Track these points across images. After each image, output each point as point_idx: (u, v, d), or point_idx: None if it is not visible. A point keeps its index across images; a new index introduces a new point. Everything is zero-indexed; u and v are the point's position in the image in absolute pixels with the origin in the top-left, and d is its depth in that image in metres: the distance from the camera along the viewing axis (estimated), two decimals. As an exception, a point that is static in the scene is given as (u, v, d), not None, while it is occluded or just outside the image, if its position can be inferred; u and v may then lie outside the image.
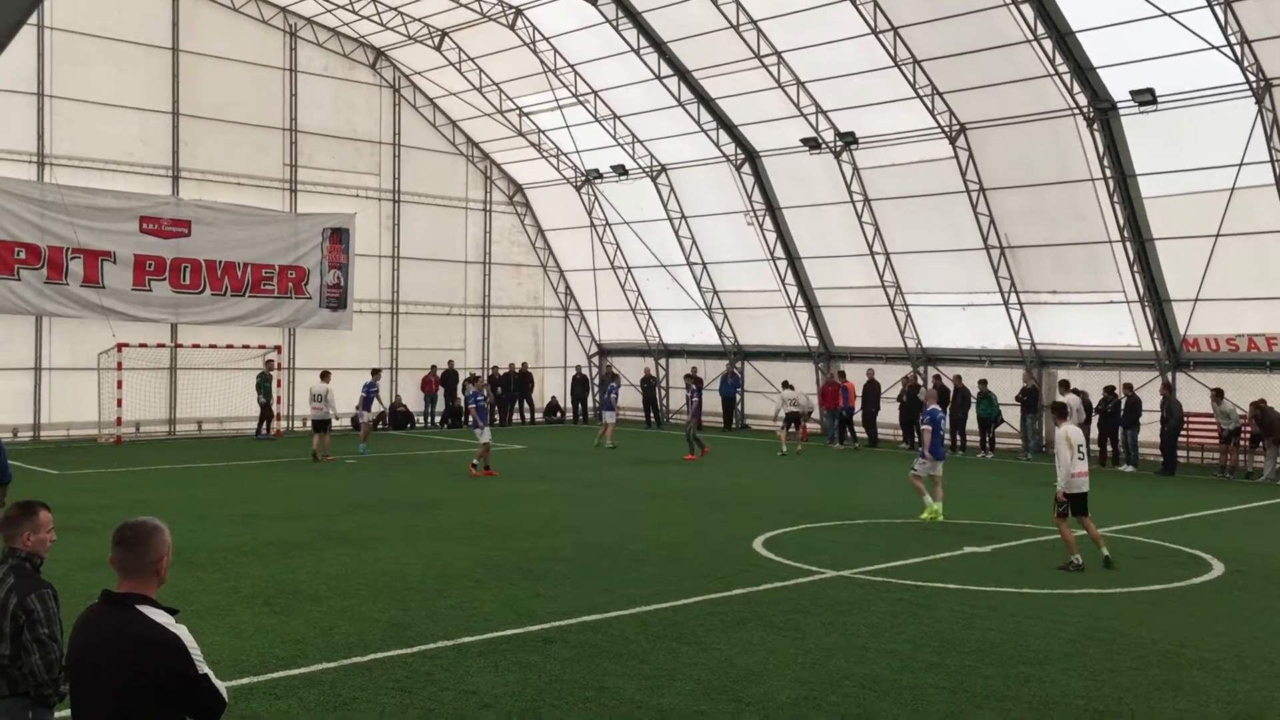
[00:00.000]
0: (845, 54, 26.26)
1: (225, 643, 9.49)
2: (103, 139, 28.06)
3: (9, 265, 26.53)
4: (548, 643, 9.71)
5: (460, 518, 16.65)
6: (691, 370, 32.32)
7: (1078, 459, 13.43)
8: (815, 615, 10.86)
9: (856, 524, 16.65)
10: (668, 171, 32.99)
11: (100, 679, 3.87)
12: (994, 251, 27.05)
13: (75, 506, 16.63)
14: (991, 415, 27.37)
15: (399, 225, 34.04)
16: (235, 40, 30.35)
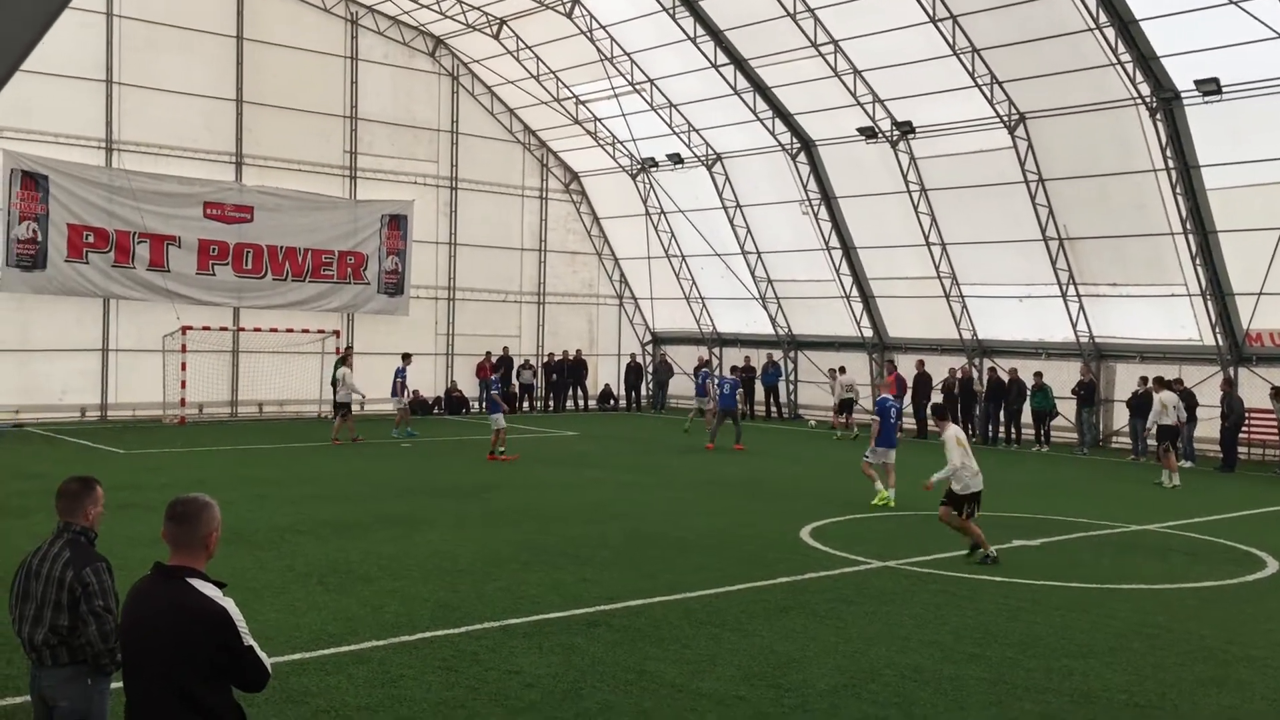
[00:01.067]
0: (903, 42, 26.06)
1: (280, 619, 9.75)
2: (169, 125, 28.66)
3: (78, 249, 27.22)
4: (592, 626, 9.86)
5: (510, 503, 16.87)
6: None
7: (970, 457, 13.31)
8: (858, 605, 10.91)
9: (904, 515, 16.62)
10: (723, 160, 32.98)
11: (151, 648, 4.06)
12: (1052, 243, 26.74)
13: (139, 485, 17.10)
14: (1047, 408, 27.09)
15: (456, 212, 34.38)
16: (298, 29, 30.83)
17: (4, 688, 7.84)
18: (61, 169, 26.79)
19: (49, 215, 26.76)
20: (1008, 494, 19.08)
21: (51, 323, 27.36)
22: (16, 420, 26.41)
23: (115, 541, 10.90)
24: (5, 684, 7.92)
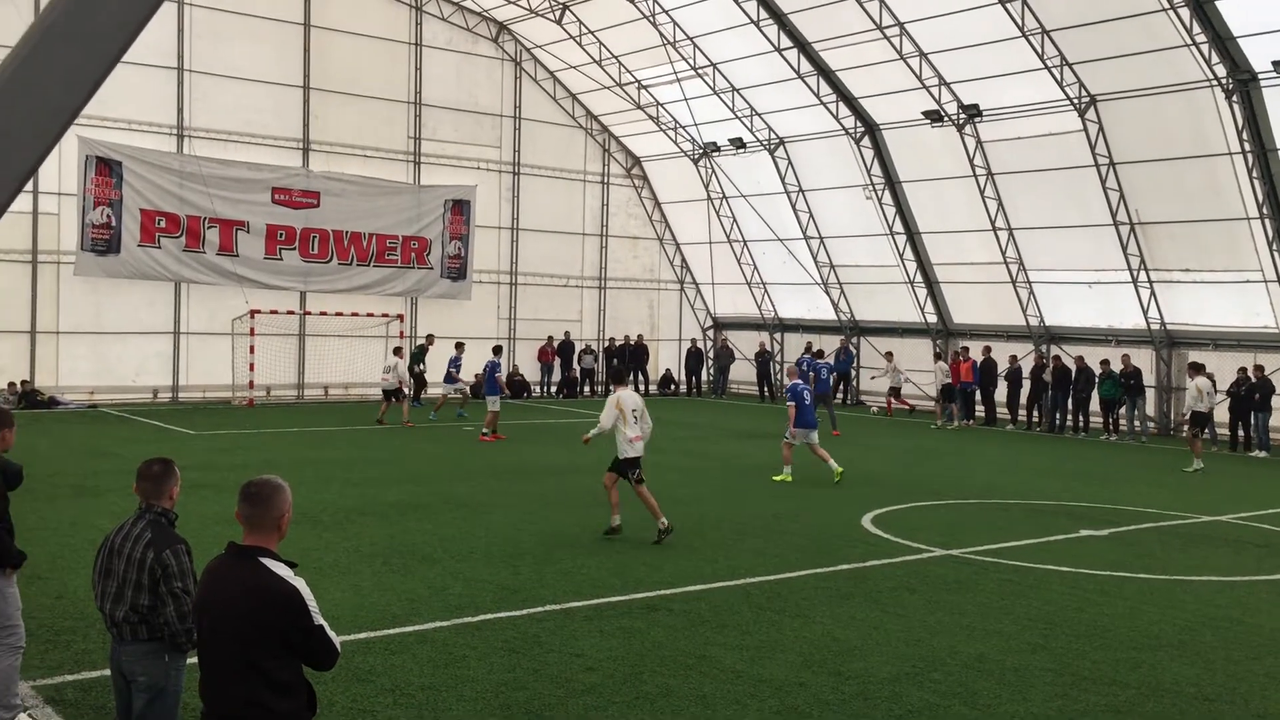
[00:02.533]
0: (970, 24, 25.66)
1: (346, 599, 9.91)
2: (238, 112, 29.13)
3: (150, 234, 27.79)
4: (652, 610, 9.90)
5: (572, 486, 16.96)
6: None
7: (631, 423, 13.11)
8: (921, 593, 10.83)
9: (968, 503, 16.45)
10: (785, 144, 32.76)
11: (224, 625, 4.17)
12: (1123, 228, 26.23)
13: (209, 465, 17.46)
14: (1115, 396, 26.61)
15: (518, 197, 34.55)
16: (364, 15, 31.13)
17: (82, 662, 8.06)
18: (135, 155, 27.35)
19: (123, 201, 27.35)
20: (1075, 483, 18.83)
21: (125, 306, 28.00)
22: (92, 401, 27.09)
23: (187, 520, 11.11)
24: (83, 658, 8.14)
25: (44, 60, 2.19)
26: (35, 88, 2.19)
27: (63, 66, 2.20)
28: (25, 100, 2.18)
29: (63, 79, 2.20)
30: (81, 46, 2.21)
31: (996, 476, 19.41)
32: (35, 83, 2.19)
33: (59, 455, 18.19)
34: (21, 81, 2.17)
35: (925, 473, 19.72)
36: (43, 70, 2.19)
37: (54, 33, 2.17)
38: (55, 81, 2.19)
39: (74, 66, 2.21)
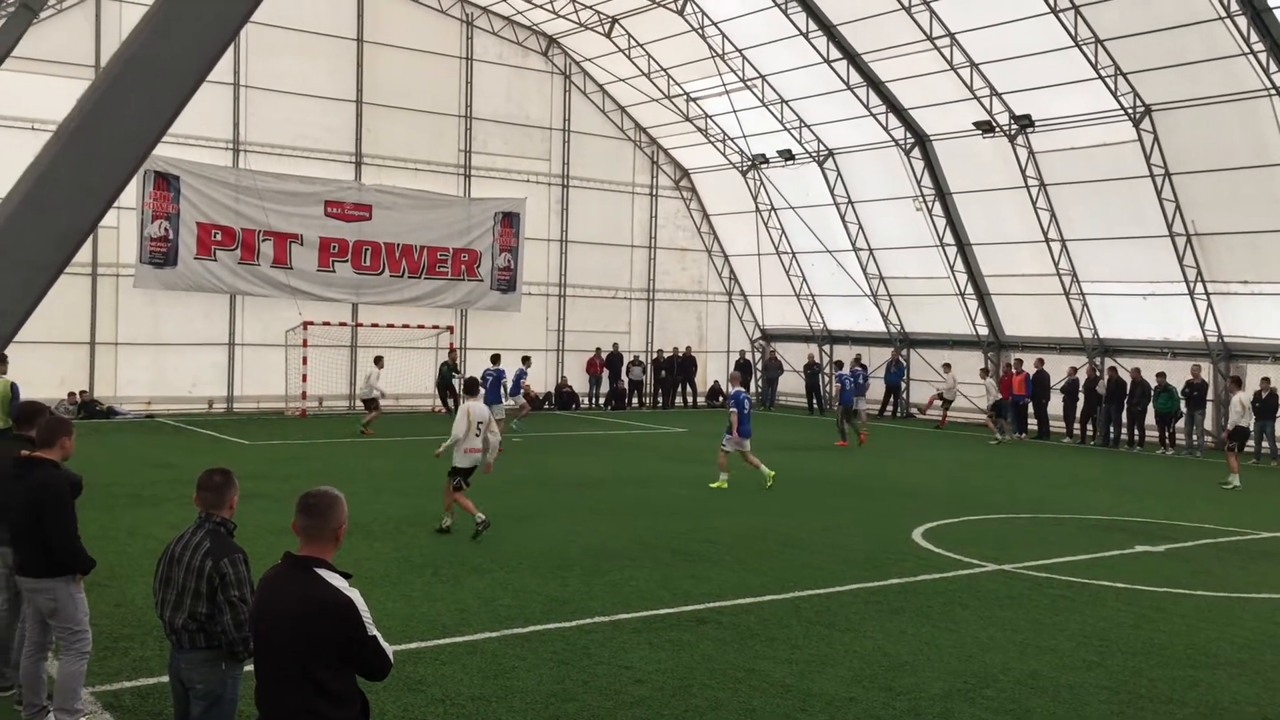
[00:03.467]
0: (1022, 34, 25.44)
1: (397, 609, 10.00)
2: (292, 126, 29.55)
3: (206, 246, 28.25)
4: (701, 623, 9.89)
5: (619, 497, 16.99)
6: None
7: (474, 435, 13.65)
8: (973, 608, 10.72)
9: (1020, 518, 16.27)
10: (835, 156, 32.65)
11: (280, 634, 4.23)
12: (1179, 239, 25.84)
13: (263, 475, 17.68)
14: (1171, 410, 26.18)
15: (568, 209, 34.71)
16: (415, 30, 31.48)
17: (140, 669, 8.20)
18: (192, 169, 27.83)
19: (179, 214, 27.83)
20: (1130, 497, 18.56)
21: (181, 318, 28.46)
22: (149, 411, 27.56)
23: (242, 529, 11.21)
24: (141, 665, 8.28)
25: (126, 89, 2.26)
26: (118, 115, 2.26)
27: (144, 94, 2.27)
28: (109, 128, 2.25)
29: (145, 107, 2.27)
30: (162, 75, 2.28)
31: (1049, 490, 19.17)
32: (118, 111, 2.26)
33: (117, 465, 18.51)
34: (105, 110, 2.24)
35: (977, 486, 19.52)
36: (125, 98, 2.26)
37: (135, 62, 2.24)
38: (137, 109, 2.26)
39: (155, 94, 2.28)
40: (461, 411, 14.02)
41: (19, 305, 2.22)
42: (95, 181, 2.24)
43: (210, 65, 2.34)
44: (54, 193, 2.23)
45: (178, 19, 2.28)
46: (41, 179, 2.22)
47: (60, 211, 2.24)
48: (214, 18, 2.31)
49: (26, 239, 2.22)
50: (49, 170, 2.23)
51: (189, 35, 2.29)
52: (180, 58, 2.30)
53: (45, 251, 2.23)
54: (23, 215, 2.22)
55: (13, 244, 2.22)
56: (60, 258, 2.25)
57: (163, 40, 2.27)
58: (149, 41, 2.25)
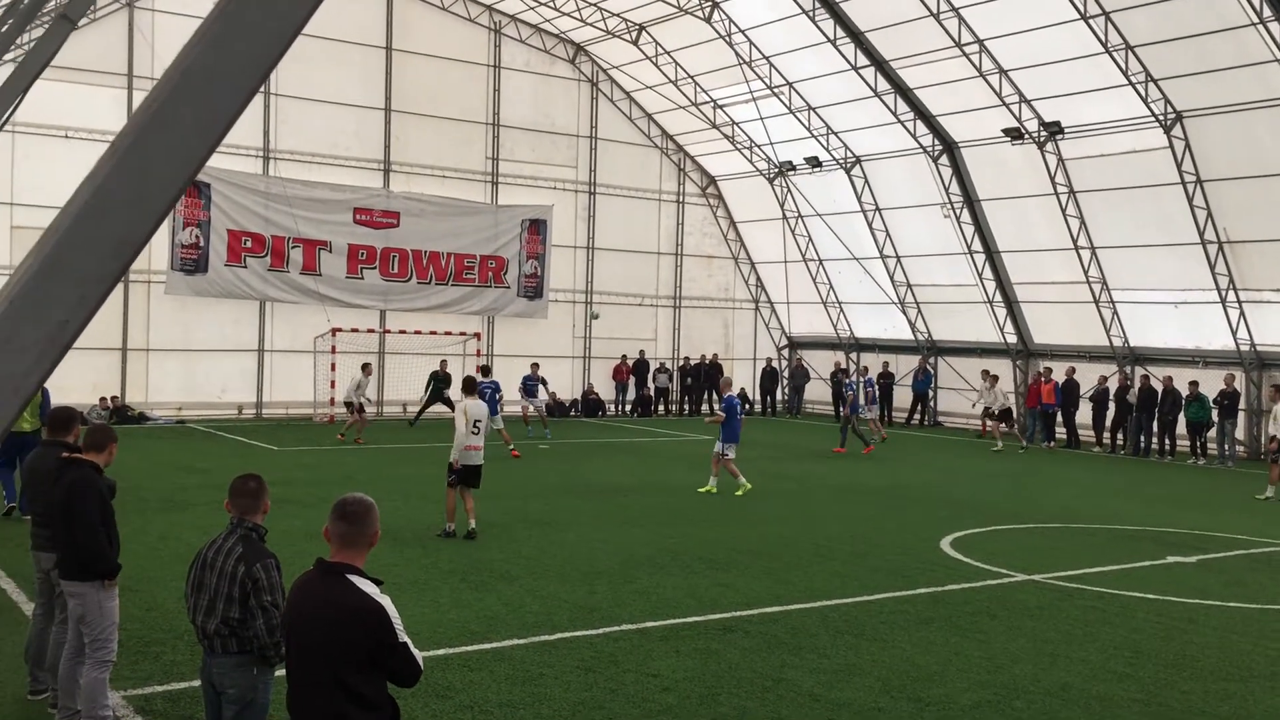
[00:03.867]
0: (1052, 40, 25.32)
1: (425, 615, 10.03)
2: (321, 134, 29.77)
3: (237, 253, 28.49)
4: (728, 631, 9.87)
5: (647, 505, 16.99)
6: (837, 365, 33.33)
7: (471, 433, 13.83)
8: (1002, 619, 10.65)
9: (1050, 527, 16.15)
10: (862, 163, 32.57)
11: (312, 640, 4.26)
12: (1210, 246, 25.61)
13: (292, 481, 17.79)
14: (1203, 419, 25.94)
15: (594, 216, 34.79)
16: (443, 39, 31.67)
17: (171, 673, 8.27)
18: (222, 177, 28.07)
19: (210, 221, 28.08)
20: (1161, 507, 18.40)
21: (212, 324, 28.71)
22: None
23: (272, 534, 11.33)
24: (172, 670, 8.35)
25: (181, 102, 2.29)
26: (173, 128, 2.29)
27: (199, 107, 2.30)
28: (164, 141, 2.28)
29: (199, 119, 2.31)
30: (216, 88, 2.31)
31: (1079, 500, 19.03)
32: (173, 124, 2.29)
33: (148, 470, 18.67)
34: (160, 123, 2.27)
35: (1006, 496, 19.41)
36: (180, 111, 2.29)
37: (190, 75, 2.27)
38: (192, 122, 2.29)
39: (210, 107, 2.31)
40: (459, 410, 14.24)
41: (76, 316, 2.25)
42: (150, 194, 2.27)
43: (264, 77, 2.38)
44: (110, 205, 2.26)
45: (232, 32, 2.32)
46: (98, 192, 2.26)
47: (116, 223, 2.27)
48: (268, 30, 2.35)
49: (83, 251, 2.26)
50: (105, 183, 2.27)
51: (243, 48, 2.33)
52: (234, 71, 2.33)
53: (101, 263, 2.27)
54: (80, 227, 2.26)
55: (70, 256, 2.25)
56: (116, 269, 2.29)
57: (217, 53, 2.31)
58: (203, 55, 2.29)
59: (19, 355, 2.22)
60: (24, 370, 2.23)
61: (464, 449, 13.95)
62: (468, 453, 13.96)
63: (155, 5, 27.50)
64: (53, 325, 2.25)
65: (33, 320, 2.23)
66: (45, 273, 2.25)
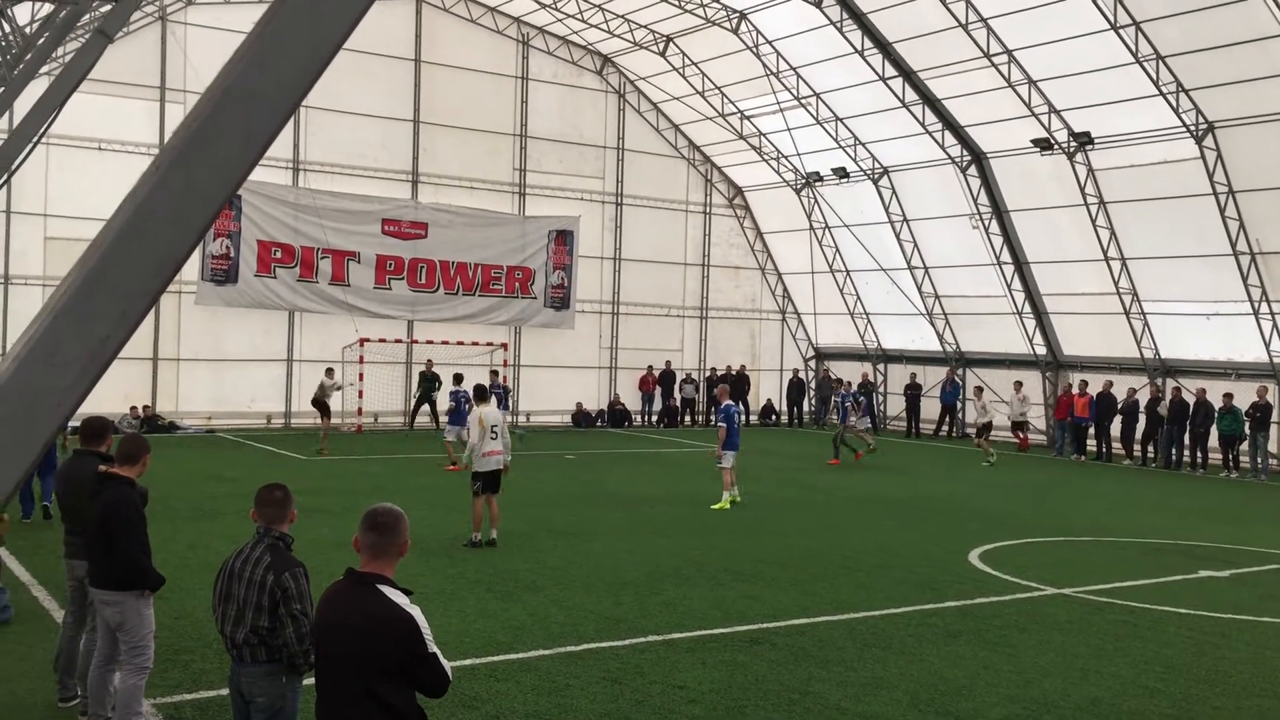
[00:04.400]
0: (1081, 51, 25.17)
1: (451, 625, 10.05)
2: (350, 146, 29.98)
3: (266, 264, 28.70)
4: (755, 643, 9.83)
5: (673, 516, 16.96)
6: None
7: (490, 439, 14.01)
8: (1032, 633, 10.56)
9: (1080, 541, 16.01)
10: (889, 174, 32.47)
11: (342, 649, 4.27)
12: (1243, 258, 25.36)
13: (320, 490, 17.88)
14: (1235, 432, 25.64)
15: (621, 227, 34.84)
16: (472, 51, 31.84)
17: (200, 681, 8.32)
18: (253, 188, 28.28)
19: (241, 232, 28.33)
20: (1193, 521, 18.20)
21: (242, 334, 28.92)
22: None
23: (299, 543, 11.40)
24: (200, 678, 8.40)
25: (223, 120, 2.32)
26: (214, 147, 2.32)
27: (240, 126, 2.33)
28: (205, 159, 2.31)
29: (240, 138, 2.34)
30: (258, 107, 2.34)
31: (1110, 513, 18.85)
32: (214, 142, 2.32)
33: (178, 479, 18.81)
34: (202, 141, 2.30)
35: (1035, 508, 19.25)
36: (221, 130, 2.32)
37: (232, 94, 2.30)
38: (233, 140, 2.32)
39: (251, 126, 2.34)
40: (473, 418, 14.52)
41: (117, 332, 2.28)
42: (192, 211, 2.31)
43: (303, 96, 2.41)
44: (153, 222, 2.29)
45: (273, 52, 2.34)
46: (140, 209, 2.29)
47: (159, 240, 2.30)
48: (307, 50, 2.38)
49: (126, 267, 2.29)
50: (148, 201, 2.30)
51: (283, 68, 2.36)
52: (275, 90, 2.37)
53: (143, 280, 2.30)
54: (123, 244, 2.29)
55: (112, 273, 2.28)
56: (157, 286, 2.32)
57: (258, 73, 2.34)
58: (245, 74, 2.32)
59: (62, 370, 2.25)
60: (67, 384, 2.26)
61: (482, 455, 14.16)
62: (485, 459, 14.16)
63: (188, 19, 27.82)
64: (95, 341, 2.27)
65: (76, 336, 2.26)
66: (88, 289, 2.28)
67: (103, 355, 2.27)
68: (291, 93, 2.37)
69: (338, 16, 2.39)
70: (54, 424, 2.27)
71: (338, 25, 2.41)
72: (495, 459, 14.18)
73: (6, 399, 2.18)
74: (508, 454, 14.69)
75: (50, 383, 2.25)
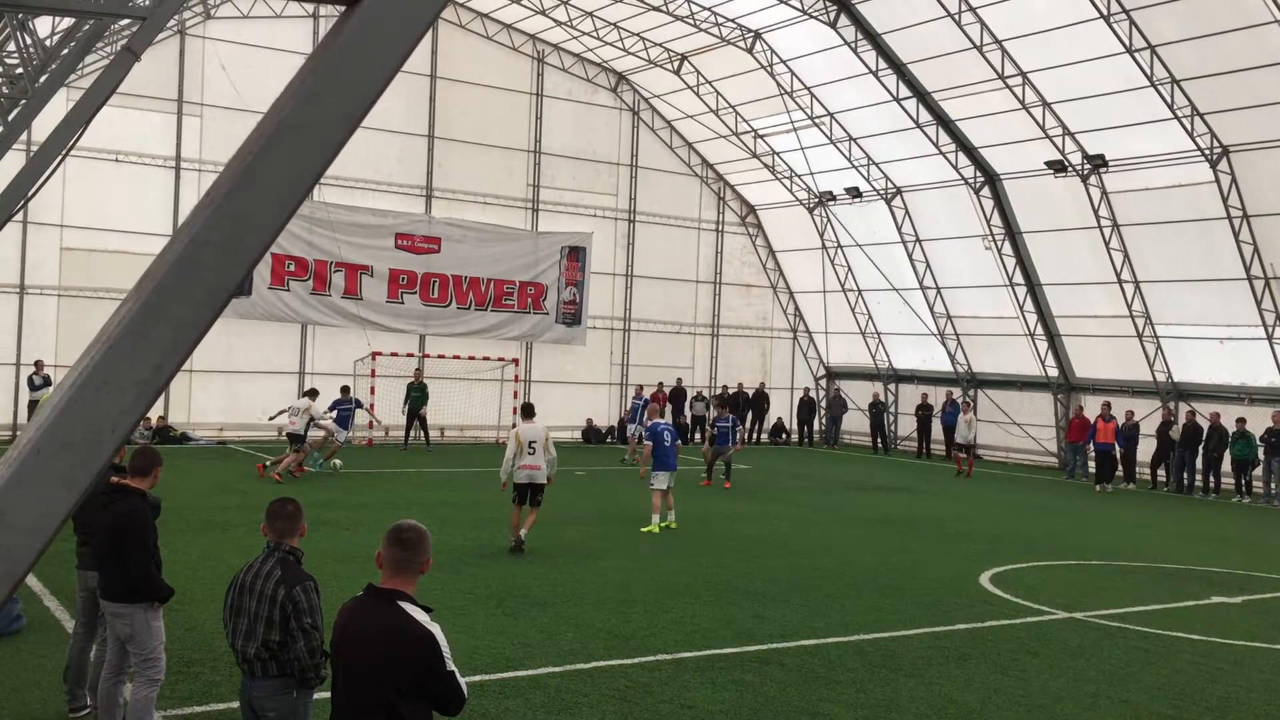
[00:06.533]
0: (1096, 74, 25.20)
1: (460, 641, 10.03)
2: (365, 160, 30.07)
3: (280, 277, 28.82)
4: (764, 663, 9.81)
5: (683, 534, 16.93)
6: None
7: (528, 454, 14.70)
8: (1043, 657, 10.51)
9: (1091, 564, 15.94)
10: (903, 194, 32.49)
11: (361, 665, 4.29)
12: (1257, 282, 25.29)
13: (329, 503, 17.90)
14: (1249, 457, 25.53)
15: (634, 244, 34.91)
16: (487, 67, 32.01)
17: (210, 694, 8.32)
18: (267, 202, 28.43)
19: (255, 245, 28.44)
20: (1206, 546, 18.11)
21: (254, 346, 29.01)
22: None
23: (309, 557, 11.42)
24: (211, 691, 8.40)
25: (275, 154, 2.35)
26: (267, 180, 2.36)
27: (292, 159, 2.37)
28: (258, 192, 2.35)
29: (292, 171, 2.37)
30: (309, 141, 2.38)
31: (1122, 537, 18.77)
32: (267, 175, 2.36)
33: (190, 490, 18.86)
34: (254, 174, 2.34)
35: (1046, 531, 19.17)
36: (274, 163, 2.36)
37: (284, 128, 2.33)
38: (285, 173, 2.36)
39: (302, 159, 2.38)
40: (512, 434, 15.18)
41: (170, 360, 2.32)
42: (244, 243, 2.34)
43: (354, 128, 2.44)
44: (205, 253, 2.33)
45: (325, 87, 2.38)
46: (194, 241, 2.33)
47: (210, 271, 2.34)
48: (358, 84, 2.41)
49: (179, 298, 2.33)
50: (201, 232, 2.33)
51: (335, 102, 2.39)
52: (327, 124, 2.40)
53: (197, 311, 2.34)
54: (176, 275, 2.32)
55: (167, 303, 2.32)
56: (209, 316, 2.35)
57: (311, 107, 2.37)
58: (297, 109, 2.36)
59: (117, 396, 2.29)
60: (121, 410, 2.30)
61: (519, 468, 14.75)
62: (522, 471, 14.76)
63: (207, 33, 28.02)
64: (148, 369, 2.31)
65: (130, 363, 2.30)
66: (142, 318, 2.32)
67: (155, 383, 2.30)
68: (342, 128, 2.41)
69: (389, 51, 2.43)
70: (109, 450, 2.30)
71: (389, 61, 2.45)
72: (526, 472, 14.76)
73: (64, 425, 2.21)
74: (551, 469, 15.11)
75: (105, 408, 2.28)
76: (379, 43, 2.46)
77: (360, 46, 2.44)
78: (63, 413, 2.25)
